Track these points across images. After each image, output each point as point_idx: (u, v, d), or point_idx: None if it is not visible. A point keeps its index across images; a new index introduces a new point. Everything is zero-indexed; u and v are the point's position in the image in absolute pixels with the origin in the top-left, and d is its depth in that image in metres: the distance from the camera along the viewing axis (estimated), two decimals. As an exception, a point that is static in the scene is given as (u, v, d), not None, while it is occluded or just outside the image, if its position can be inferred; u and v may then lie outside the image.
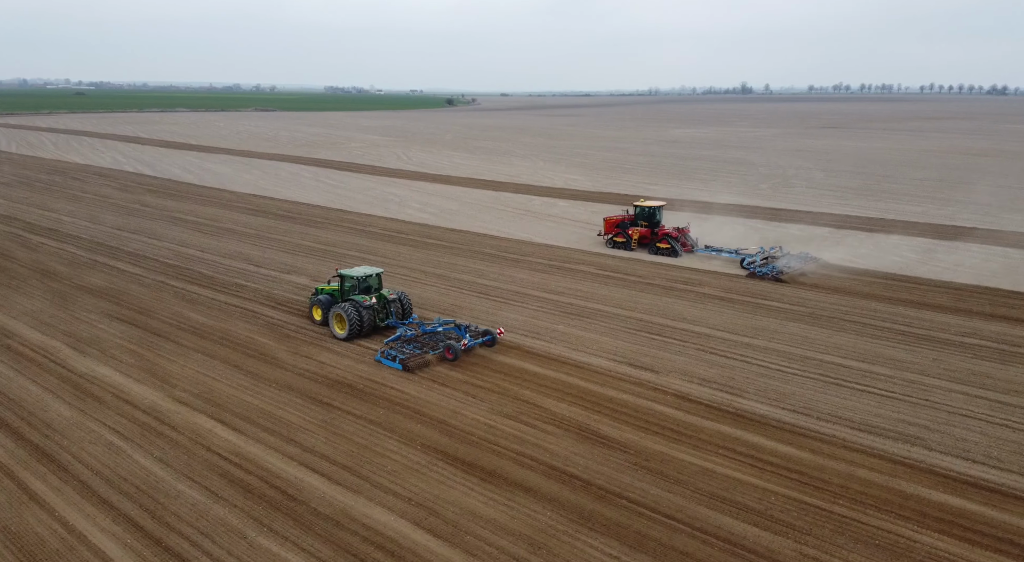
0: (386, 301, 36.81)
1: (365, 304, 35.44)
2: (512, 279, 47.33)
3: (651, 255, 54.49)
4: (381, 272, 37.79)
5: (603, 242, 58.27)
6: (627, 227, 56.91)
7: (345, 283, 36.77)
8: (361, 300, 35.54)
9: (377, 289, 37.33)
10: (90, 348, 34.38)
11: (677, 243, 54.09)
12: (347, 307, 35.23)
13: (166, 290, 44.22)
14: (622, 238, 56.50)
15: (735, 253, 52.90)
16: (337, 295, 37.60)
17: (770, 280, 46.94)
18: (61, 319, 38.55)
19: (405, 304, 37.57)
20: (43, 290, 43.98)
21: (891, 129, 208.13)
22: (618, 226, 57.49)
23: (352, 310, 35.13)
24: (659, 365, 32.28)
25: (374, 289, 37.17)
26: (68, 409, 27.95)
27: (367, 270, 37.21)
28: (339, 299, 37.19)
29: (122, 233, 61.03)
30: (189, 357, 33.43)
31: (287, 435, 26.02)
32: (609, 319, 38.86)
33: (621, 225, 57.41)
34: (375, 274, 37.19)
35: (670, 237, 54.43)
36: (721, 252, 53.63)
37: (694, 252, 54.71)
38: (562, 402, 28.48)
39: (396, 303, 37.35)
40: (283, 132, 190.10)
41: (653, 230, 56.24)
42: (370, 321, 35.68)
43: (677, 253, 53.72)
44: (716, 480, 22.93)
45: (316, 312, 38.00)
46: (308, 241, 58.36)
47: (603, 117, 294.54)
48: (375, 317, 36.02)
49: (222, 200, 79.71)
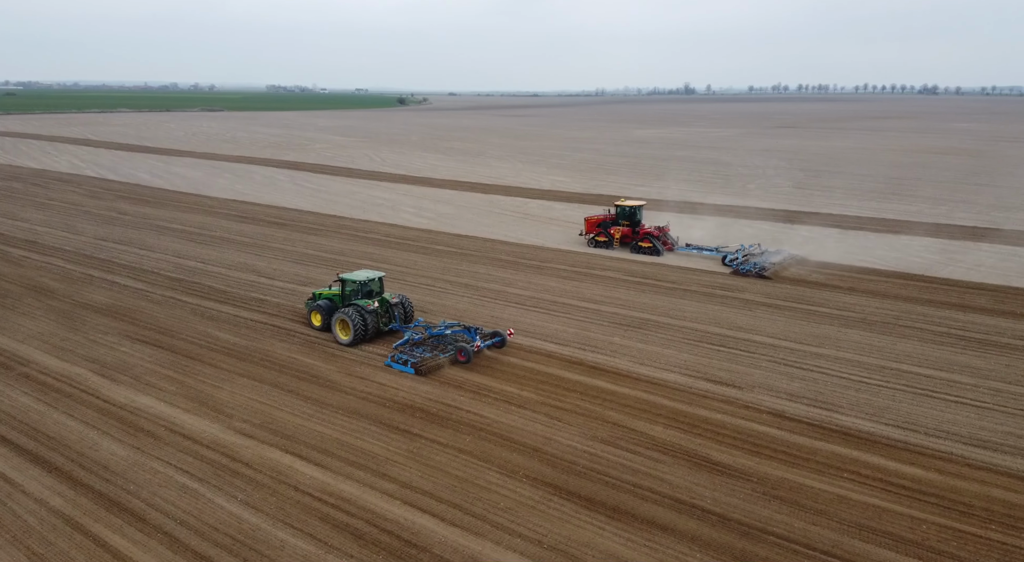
0: (389, 305, 36.02)
1: (369, 309, 34.65)
2: (543, 287, 45.64)
3: (633, 254, 54.84)
4: (383, 276, 37.15)
5: (585, 242, 58.32)
6: (608, 226, 57.13)
7: (346, 287, 35.85)
8: (364, 305, 34.70)
9: (379, 293, 36.64)
10: (120, 375, 31.50)
11: (658, 242, 54.56)
12: (351, 312, 34.34)
13: (180, 307, 41.23)
14: (604, 238, 56.87)
15: (715, 251, 53.47)
16: (337, 300, 36.63)
17: (753, 276, 47.89)
18: (76, 342, 35.41)
19: (407, 308, 36.78)
20: (44, 309, 40.54)
21: (846, 128, 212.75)
22: (599, 226, 57.73)
23: (356, 315, 34.28)
24: (738, 380, 31.04)
25: (376, 293, 36.44)
26: (121, 447, 25.27)
27: (369, 274, 36.53)
28: (340, 304, 36.27)
29: (108, 244, 57.26)
30: (234, 382, 30.87)
31: (376, 469, 23.91)
32: (662, 329, 37.52)
33: (602, 225, 57.66)
34: (377, 278, 36.52)
35: (651, 236, 54.93)
36: (702, 250, 54.15)
37: (675, 250, 55.22)
38: (655, 424, 26.96)
39: (398, 307, 36.46)
40: (240, 133, 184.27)
41: (634, 229, 56.50)
42: (374, 326, 34.91)
43: (659, 252, 54.18)
44: (856, 508, 21.71)
45: (315, 318, 36.82)
46: (313, 250, 55.62)
47: (561, 117, 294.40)
48: (379, 321, 35.24)
49: (204, 206, 75.94)
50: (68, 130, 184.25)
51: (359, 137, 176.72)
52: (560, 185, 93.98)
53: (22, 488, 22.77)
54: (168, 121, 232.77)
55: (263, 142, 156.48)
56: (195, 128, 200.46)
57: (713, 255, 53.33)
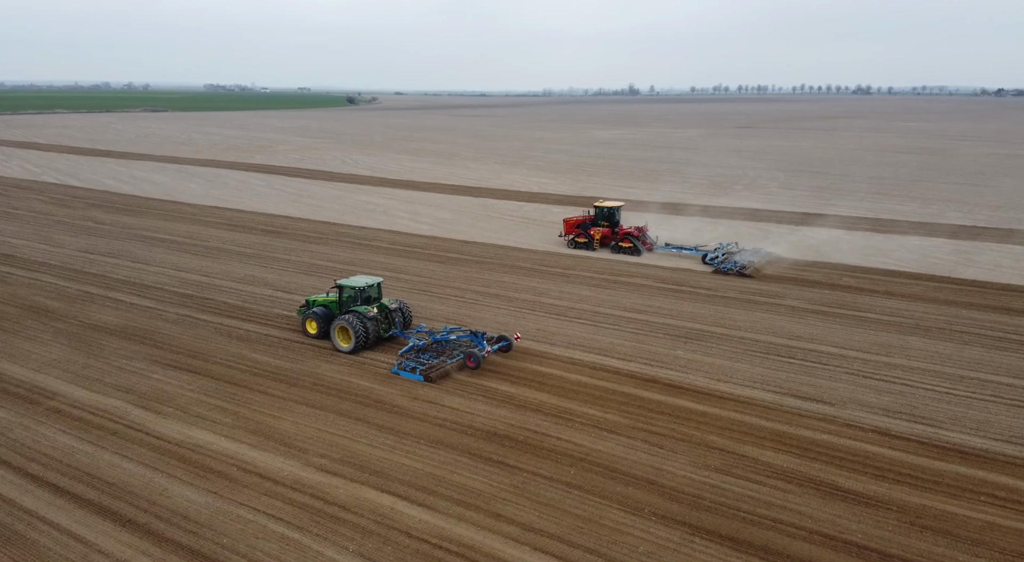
0: (388, 311, 35.30)
1: (369, 315, 33.92)
2: (578, 296, 44.03)
3: (614, 254, 55.13)
4: (381, 281, 36.36)
5: (564, 243, 58.33)
6: (588, 228, 57.23)
7: (344, 294, 34.97)
8: (364, 311, 33.95)
9: (377, 299, 35.82)
10: (163, 406, 28.72)
11: (638, 242, 54.86)
12: (351, 319, 33.55)
13: (200, 326, 38.30)
14: (584, 238, 56.89)
15: (695, 250, 54.05)
16: (333, 307, 35.78)
17: (735, 275, 48.55)
18: (100, 370, 32.35)
19: (406, 313, 36.06)
20: (51, 333, 37.16)
21: (803, 128, 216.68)
22: (578, 226, 57.67)
23: (357, 322, 33.46)
24: (825, 395, 29.94)
25: (374, 299, 35.68)
26: (195, 492, 22.72)
27: (368, 280, 35.75)
28: (336, 311, 35.36)
29: (96, 257, 53.46)
30: (294, 411, 28.43)
31: (488, 508, 21.94)
32: (721, 340, 36.28)
33: (582, 225, 57.70)
34: (375, 284, 35.75)
35: (631, 236, 55.24)
36: (682, 249, 54.66)
37: (654, 250, 55.67)
38: (764, 448, 25.60)
39: (397, 312, 35.65)
40: (194, 135, 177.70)
41: (613, 230, 56.66)
42: (375, 332, 34.18)
43: (639, 252, 54.60)
44: (1011, 536, 20.72)
45: (311, 326, 35.88)
46: (320, 260, 52.87)
47: (517, 118, 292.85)
48: (379, 328, 34.52)
49: (185, 214, 72.05)
50: (8, 133, 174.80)
51: (321, 138, 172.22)
52: (546, 187, 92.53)
53: (98, 548, 20.13)
54: (113, 122, 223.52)
55: (223, 144, 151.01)
56: (144, 129, 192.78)
57: (692, 254, 53.88)
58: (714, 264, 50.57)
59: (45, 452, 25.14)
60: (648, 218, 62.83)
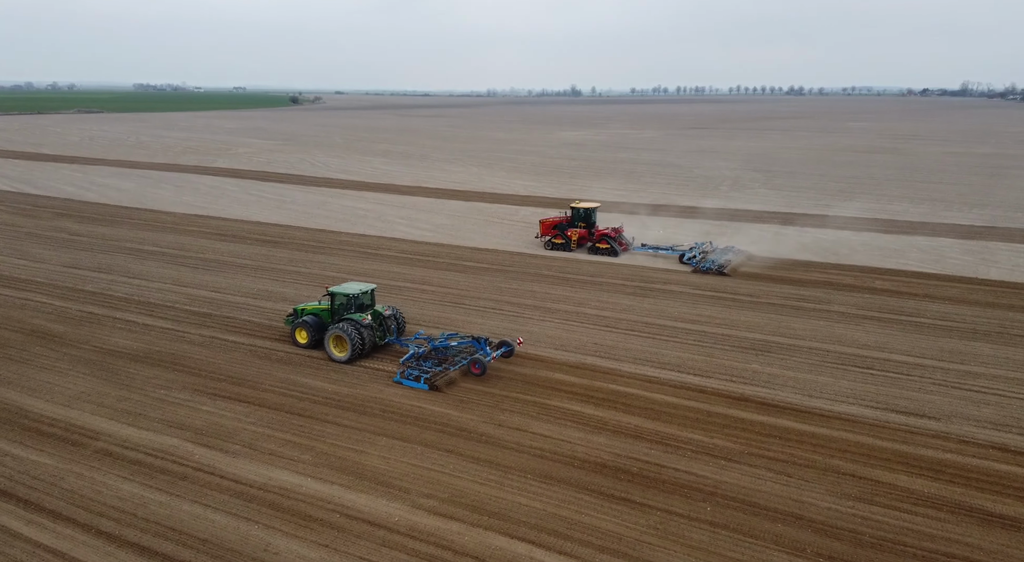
0: (382, 318, 34.43)
1: (364, 323, 32.99)
2: (619, 305, 42.40)
3: (591, 255, 55.28)
4: (374, 288, 35.44)
5: (541, 244, 58.21)
6: (565, 229, 57.23)
7: (336, 301, 34.00)
8: (360, 319, 33.05)
9: (370, 306, 34.96)
10: (228, 443, 25.93)
11: (615, 243, 55.13)
12: (347, 327, 32.59)
13: (232, 348, 35.30)
14: (561, 240, 56.94)
15: (671, 250, 54.60)
16: (325, 315, 34.74)
17: (714, 274, 49.21)
18: (138, 402, 29.23)
19: (400, 320, 35.27)
20: (67, 361, 33.67)
21: (755, 129, 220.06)
22: (555, 228, 57.66)
23: (353, 330, 32.51)
24: (925, 409, 28.92)
25: (368, 306, 34.82)
26: (304, 546, 20.19)
27: (361, 286, 34.86)
28: (328, 319, 34.39)
29: (86, 273, 49.44)
30: (374, 443, 26.01)
31: (638, 556, 20.07)
32: (792, 352, 35.07)
33: (559, 226, 57.64)
34: (369, 290, 34.80)
35: (608, 237, 55.59)
36: (658, 249, 55.12)
37: (630, 250, 55.91)
38: (895, 472, 24.32)
39: (391, 319, 34.77)
40: (144, 137, 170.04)
41: (590, 231, 56.82)
42: (370, 341, 33.30)
43: (616, 253, 54.86)
44: None
45: (301, 335, 34.68)
46: (332, 272, 49.95)
47: (472, 118, 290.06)
48: (374, 336, 33.60)
49: (166, 223, 67.85)
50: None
51: (278, 140, 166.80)
52: (533, 190, 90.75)
53: (219, 620, 17.45)
54: (51, 125, 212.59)
55: (177, 147, 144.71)
56: (87, 132, 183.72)
57: (669, 254, 54.38)
58: (692, 263, 51.12)
59: (112, 504, 22.18)
60: (659, 222, 61.78)
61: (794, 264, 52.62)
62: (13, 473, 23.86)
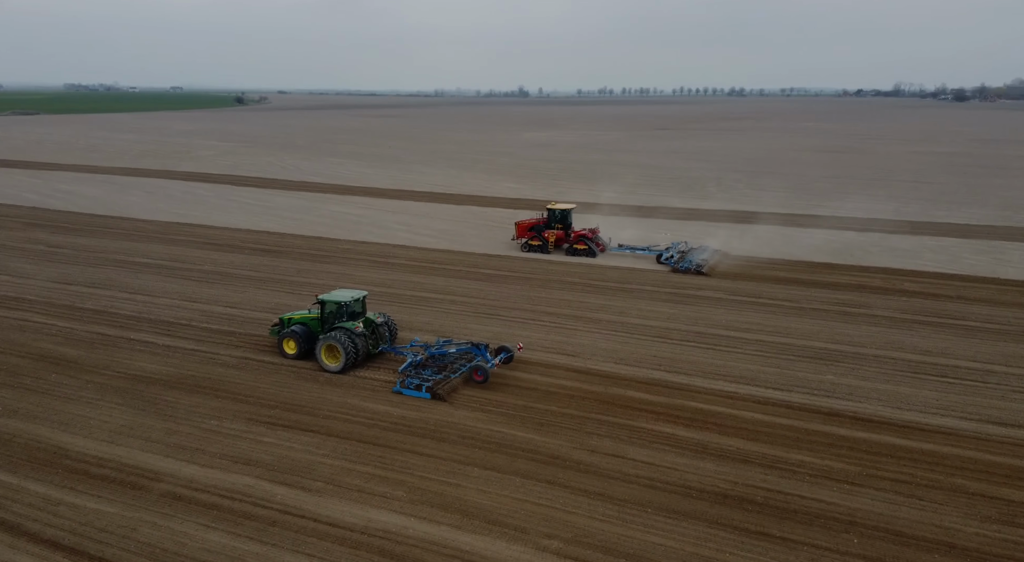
0: (375, 326, 33.51)
1: (357, 331, 32.11)
2: (662, 314, 41.11)
3: (569, 256, 55.31)
4: (365, 295, 34.48)
5: (517, 246, 58.02)
6: (542, 230, 57.19)
7: (326, 309, 33.01)
8: (352, 327, 32.10)
9: (362, 314, 33.93)
10: (307, 480, 23.64)
11: (592, 243, 55.25)
12: (340, 336, 31.55)
13: (272, 370, 32.76)
14: (538, 242, 56.92)
15: (647, 250, 55.01)
16: (314, 324, 33.63)
17: (693, 273, 49.55)
18: (190, 436, 26.63)
19: (392, 328, 34.42)
20: (92, 390, 30.68)
21: (715, 130, 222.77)
22: (531, 230, 57.59)
23: (347, 339, 31.49)
24: (1019, 419, 28.22)
25: (359, 314, 33.79)
26: (438, 601, 18.12)
27: (352, 293, 33.94)
28: (318, 328, 33.35)
29: (80, 289, 45.90)
30: (466, 474, 24.05)
31: (799, 592, 18.51)
32: (859, 360, 34.18)
33: (535, 228, 57.58)
34: (360, 298, 33.86)
35: (586, 238, 55.67)
36: (635, 250, 55.41)
37: (607, 251, 56.00)
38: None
39: (383, 327, 33.91)
40: (92, 140, 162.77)
41: (567, 232, 56.90)
42: (364, 349, 32.33)
43: (594, 254, 55.02)
44: None
45: (288, 346, 33.37)
46: (350, 282, 47.32)
47: (429, 119, 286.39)
48: (367, 344, 32.66)
49: (151, 233, 64.05)
50: None
51: (237, 141, 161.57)
52: (520, 193, 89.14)
53: None
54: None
55: (133, 150, 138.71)
56: (31, 135, 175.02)
57: (646, 254, 54.75)
58: (670, 263, 51.61)
59: (203, 559, 19.72)
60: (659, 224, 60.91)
61: (814, 266, 52.23)
62: (76, 526, 21.15)
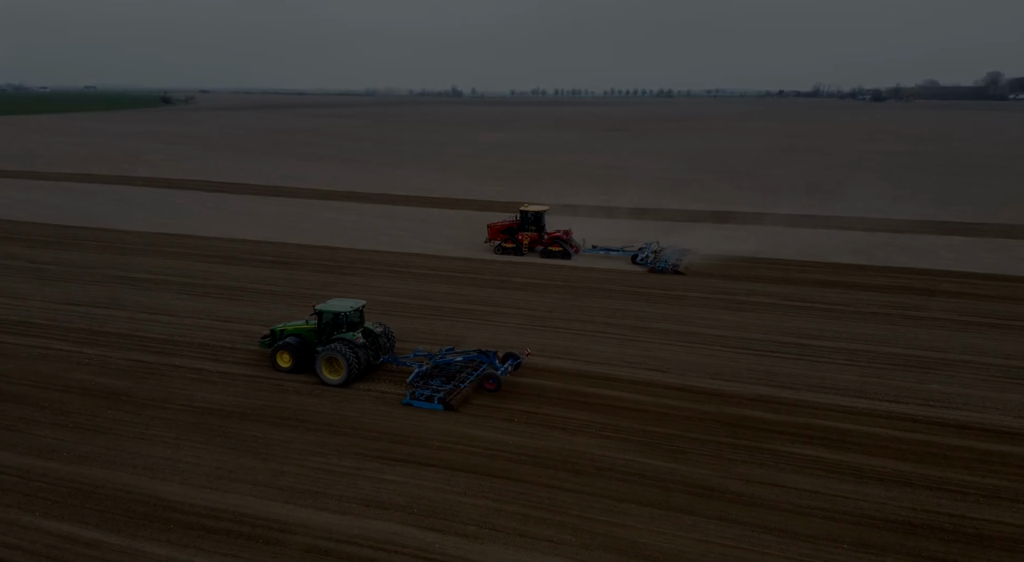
0: (374, 336, 32.69)
1: (358, 342, 31.25)
2: (724, 322, 40.06)
3: (543, 258, 55.11)
4: (363, 304, 33.48)
5: (491, 249, 57.40)
6: (515, 233, 57.00)
7: (323, 320, 32.03)
8: (352, 338, 31.29)
9: (360, 324, 33.03)
10: (456, 523, 21.62)
11: (567, 245, 55.10)
12: (341, 348, 30.59)
13: (355, 398, 30.26)
14: (511, 244, 56.55)
15: (621, 250, 55.27)
16: (310, 336, 32.60)
17: (670, 273, 49.91)
18: (299, 477, 24.10)
19: (390, 338, 33.69)
20: (161, 426, 27.67)
21: (665, 130, 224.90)
22: (505, 232, 57.32)
23: (348, 351, 30.53)
24: None
25: (357, 324, 32.87)
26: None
27: (351, 303, 32.98)
28: (314, 340, 32.37)
29: (88, 309, 42.06)
30: (624, 512, 22.40)
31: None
32: (951, 367, 33.72)
33: (508, 230, 57.33)
34: (358, 307, 32.91)
35: (560, 240, 55.47)
36: (609, 251, 55.53)
37: (581, 253, 55.98)
38: None
39: (382, 337, 33.13)
40: (29, 144, 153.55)
41: (540, 234, 56.79)
42: (365, 361, 31.38)
43: (569, 255, 54.86)
44: None
45: (283, 359, 32.31)
46: (384, 295, 44.59)
47: (373, 119, 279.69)
48: (368, 356, 31.72)
49: (141, 246, 59.73)
50: None
51: (186, 144, 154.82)
52: (507, 195, 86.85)
53: None
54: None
55: (76, 155, 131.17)
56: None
57: (620, 255, 54.85)
58: (646, 264, 51.73)
59: (388, 626, 17.39)
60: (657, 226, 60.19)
61: (845, 268, 52.18)
62: (225, 594, 18.49)
